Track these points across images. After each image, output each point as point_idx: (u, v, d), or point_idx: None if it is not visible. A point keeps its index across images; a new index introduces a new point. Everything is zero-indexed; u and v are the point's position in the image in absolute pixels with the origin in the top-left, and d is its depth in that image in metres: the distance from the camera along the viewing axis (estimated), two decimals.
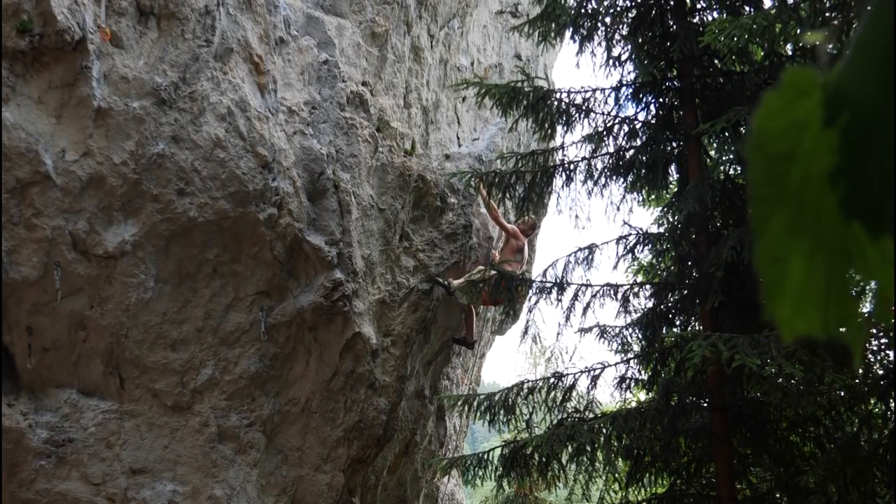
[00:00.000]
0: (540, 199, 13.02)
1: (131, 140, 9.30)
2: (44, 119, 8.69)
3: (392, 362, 12.95)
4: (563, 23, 12.57)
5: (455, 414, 16.55)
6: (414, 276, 13.11)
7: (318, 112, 11.49)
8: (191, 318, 10.58)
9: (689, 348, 10.00)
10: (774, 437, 11.90)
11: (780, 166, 0.99)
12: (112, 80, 9.02)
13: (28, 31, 8.26)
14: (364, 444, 12.71)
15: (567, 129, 12.86)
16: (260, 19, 10.57)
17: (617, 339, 13.05)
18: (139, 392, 10.48)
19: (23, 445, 9.62)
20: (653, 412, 11.61)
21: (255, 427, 11.44)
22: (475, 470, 12.62)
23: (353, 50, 12.44)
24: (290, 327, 11.44)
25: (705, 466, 12.38)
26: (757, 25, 9.95)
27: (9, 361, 9.57)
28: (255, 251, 10.76)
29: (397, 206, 12.61)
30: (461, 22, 15.56)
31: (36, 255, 9.04)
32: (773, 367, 9.57)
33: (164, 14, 9.39)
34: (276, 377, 11.56)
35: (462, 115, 16.23)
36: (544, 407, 12.58)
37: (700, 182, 11.39)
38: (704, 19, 12.62)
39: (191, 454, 10.90)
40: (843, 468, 9.94)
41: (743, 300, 11.57)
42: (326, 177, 11.27)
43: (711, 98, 12.46)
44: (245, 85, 10.27)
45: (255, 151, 10.26)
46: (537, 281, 13.01)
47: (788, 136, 0.99)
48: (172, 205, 9.80)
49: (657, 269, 14.52)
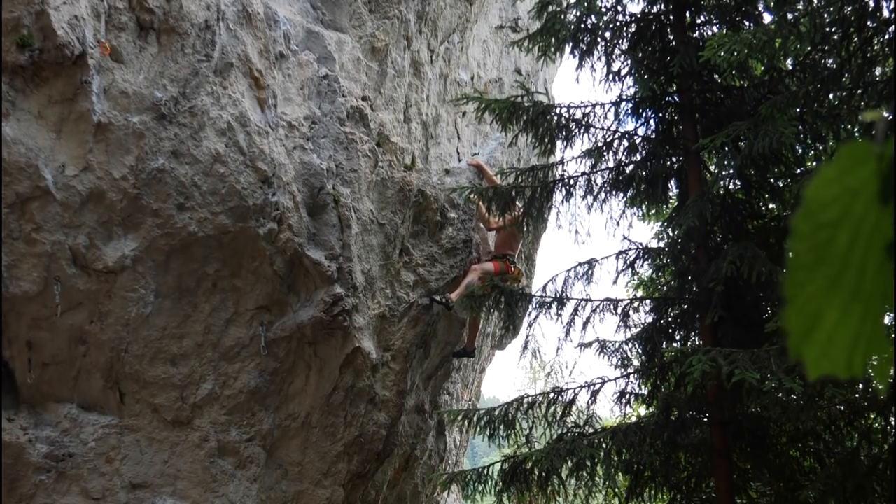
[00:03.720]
0: (540, 214, 13.01)
1: (131, 155, 9.30)
2: (44, 134, 8.69)
3: (392, 377, 12.94)
4: (562, 38, 12.59)
5: (455, 429, 16.52)
6: (414, 291, 13.11)
7: (318, 127, 11.50)
8: (191, 333, 10.57)
9: (689, 363, 10.00)
10: (774, 451, 11.89)
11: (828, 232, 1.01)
12: (112, 94, 9.03)
13: (28, 46, 8.27)
14: (364, 459, 12.69)
15: (567, 143, 12.87)
16: (260, 34, 10.59)
17: (617, 353, 13.03)
18: (139, 407, 10.46)
19: (23, 460, 9.60)
20: (653, 427, 11.61)
21: (255, 442, 11.43)
22: (475, 485, 12.61)
23: (353, 65, 12.46)
24: (290, 342, 11.43)
25: (705, 481, 12.36)
26: (757, 40, 9.96)
27: (9, 376, 9.56)
28: (255, 266, 10.76)
29: (397, 220, 12.61)
30: (461, 37, 15.59)
31: (36, 269, 9.04)
32: (772, 382, 9.57)
33: (164, 29, 9.41)
34: (276, 392, 11.55)
35: (462, 130, 16.25)
36: (544, 422, 12.58)
37: (700, 197, 11.39)
38: (704, 34, 12.64)
39: (191, 469, 10.89)
40: (843, 483, 9.93)
41: (743, 315, 11.59)
42: (326, 192, 11.27)
43: (711, 113, 12.48)
44: (245, 100, 10.28)
45: (255, 166, 10.27)
46: (537, 296, 13.01)
47: (840, 204, 1.00)
48: (172, 220, 9.81)
49: (657, 284, 14.53)
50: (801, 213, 1.01)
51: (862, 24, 10.15)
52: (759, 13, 12.41)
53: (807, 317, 1.02)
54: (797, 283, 1.01)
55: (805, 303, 1.01)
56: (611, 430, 12.01)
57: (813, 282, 1.01)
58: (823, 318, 1.02)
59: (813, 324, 1.02)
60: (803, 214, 1.00)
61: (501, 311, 13.12)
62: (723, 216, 12.03)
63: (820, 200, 1.00)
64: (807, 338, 1.03)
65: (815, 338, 1.03)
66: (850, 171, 0.99)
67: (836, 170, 1.00)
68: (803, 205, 1.00)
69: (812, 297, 1.01)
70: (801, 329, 1.02)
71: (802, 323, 1.02)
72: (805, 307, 1.02)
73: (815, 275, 1.01)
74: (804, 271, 1.01)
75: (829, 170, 1.00)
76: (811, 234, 1.01)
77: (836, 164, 1.00)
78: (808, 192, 1.00)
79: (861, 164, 0.99)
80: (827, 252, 1.00)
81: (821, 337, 1.02)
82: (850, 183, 0.99)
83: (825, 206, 1.00)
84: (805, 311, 1.02)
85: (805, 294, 1.01)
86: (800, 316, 1.02)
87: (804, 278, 1.01)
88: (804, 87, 10.65)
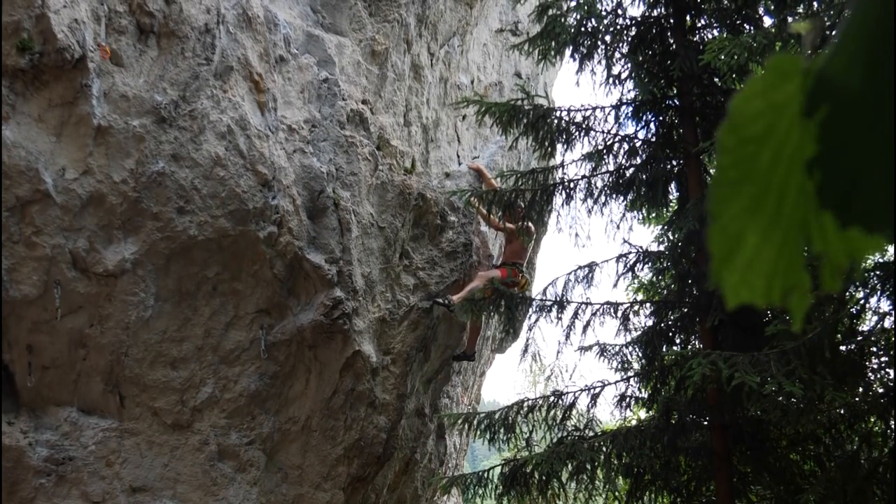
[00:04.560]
0: (540, 217, 13.01)
1: (131, 158, 9.30)
2: (44, 137, 8.70)
3: (392, 380, 12.93)
4: (563, 41, 12.59)
5: (455, 432, 16.50)
6: (414, 295, 13.11)
7: (318, 130, 11.50)
8: (191, 337, 10.57)
9: (689, 366, 9.99)
10: (774, 455, 11.88)
11: (751, 148, 1.00)
12: (112, 98, 9.04)
13: (28, 50, 8.27)
14: (364, 463, 12.69)
15: (567, 147, 12.86)
16: (260, 37, 10.59)
17: (617, 357, 13.04)
18: (139, 410, 10.46)
19: (23, 464, 9.60)
20: (653, 430, 11.61)
21: (255, 445, 11.43)
22: (475, 488, 12.61)
23: (354, 68, 12.46)
24: (290, 345, 11.43)
25: (705, 485, 12.36)
26: (757, 44, 9.97)
27: (9, 380, 9.56)
28: (255, 269, 10.76)
29: (397, 224, 12.61)
30: (461, 40, 15.59)
31: (36, 273, 9.04)
32: (772, 385, 9.56)
33: (164, 32, 9.41)
34: (276, 395, 11.55)
35: (462, 134, 16.24)
36: (544, 425, 12.58)
37: (700, 200, 11.40)
38: (704, 38, 12.65)
39: (191, 472, 10.89)
40: (843, 486, 9.93)
41: (743, 319, 11.57)
42: (326, 195, 11.27)
43: (711, 116, 12.48)
44: (245, 103, 10.28)
45: (255, 170, 10.27)
46: (537, 299, 13.02)
47: (764, 119, 0.99)
48: (172, 223, 9.81)
49: (657, 288, 14.52)
50: (725, 127, 0.99)
51: None
52: (760, 17, 12.42)
53: (729, 238, 1.01)
54: (722, 200, 1.00)
55: (728, 223, 1.00)
56: (611, 433, 12.02)
57: (736, 199, 1.00)
58: (745, 240, 1.00)
59: (734, 246, 1.01)
60: (728, 128, 0.99)
61: (502, 315, 13.12)
62: None
63: (745, 114, 0.99)
64: (727, 262, 1.01)
65: (735, 262, 1.01)
66: (775, 85, 0.98)
67: (762, 84, 0.99)
68: (728, 118, 0.99)
69: (735, 217, 1.00)
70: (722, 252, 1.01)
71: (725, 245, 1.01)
72: (728, 227, 1.00)
73: (739, 192, 0.99)
74: (728, 187, 1.00)
75: (756, 83, 0.99)
76: (735, 149, 0.99)
77: (762, 77, 0.99)
78: (734, 105, 0.99)
79: (787, 79, 0.98)
80: (750, 169, 0.99)
81: (741, 262, 1.01)
82: (775, 98, 0.98)
83: (750, 121, 0.98)
84: (727, 233, 1.01)
85: (728, 213, 1.00)
86: (722, 237, 1.01)
87: (728, 195, 1.00)
88: None
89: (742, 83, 12.53)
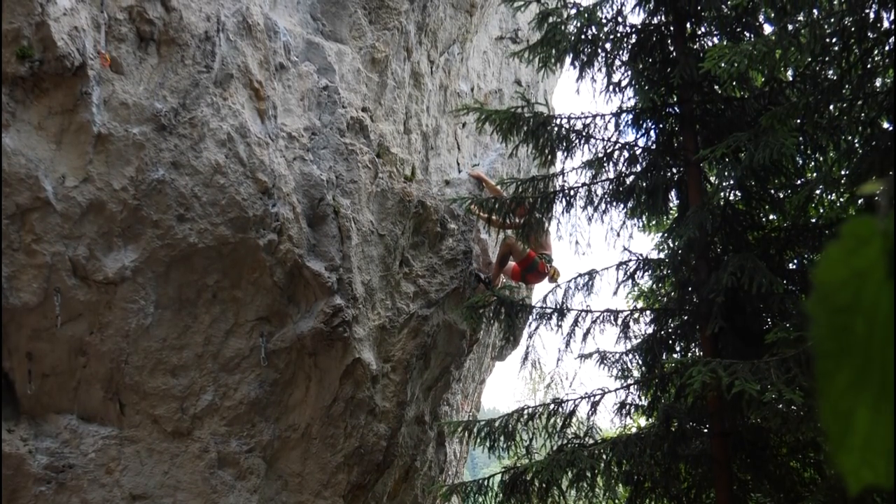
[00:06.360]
0: (540, 224, 12.99)
1: (131, 166, 9.31)
2: (44, 145, 8.71)
3: (392, 388, 12.92)
4: (563, 49, 12.57)
5: (455, 440, 16.49)
6: (414, 302, 13.09)
7: (318, 138, 11.50)
8: (191, 344, 10.57)
9: (690, 374, 9.98)
10: (774, 462, 11.88)
11: (844, 318, 0.98)
12: (112, 105, 9.05)
13: (28, 57, 8.29)
14: (364, 470, 12.67)
15: (567, 154, 12.84)
16: (260, 45, 10.60)
17: (617, 364, 13.02)
18: (139, 418, 10.46)
19: (23, 471, 9.60)
20: (653, 438, 11.59)
21: (255, 453, 11.42)
22: (475, 496, 12.59)
23: (354, 76, 12.46)
24: (291, 353, 11.42)
25: (705, 492, 12.34)
26: (757, 51, 9.96)
27: (9, 387, 9.57)
28: (255, 277, 10.76)
29: (397, 231, 12.61)
30: (461, 48, 15.60)
31: (36, 280, 9.05)
32: (772, 393, 9.56)
33: (164, 40, 9.42)
34: (277, 403, 11.54)
35: (462, 141, 16.25)
36: (544, 433, 12.56)
37: (700, 208, 11.38)
38: (705, 45, 12.62)
39: (191, 480, 10.88)
40: (844, 494, 9.91)
41: (743, 326, 11.57)
42: (326, 202, 11.27)
43: (712, 124, 12.47)
44: (245, 111, 10.29)
45: (255, 177, 10.27)
46: (537, 306, 13.02)
47: (850, 288, 0.97)
48: (172, 231, 9.81)
49: (657, 295, 14.51)
50: (814, 298, 0.97)
51: (862, 35, 10.15)
52: (760, 24, 12.42)
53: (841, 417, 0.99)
54: (825, 372, 0.98)
55: (838, 400, 0.98)
56: (611, 441, 12.00)
57: (840, 372, 0.98)
58: (857, 417, 0.98)
59: (847, 424, 0.99)
60: (817, 299, 0.97)
61: (501, 322, 13.12)
62: (723, 227, 12.01)
63: (831, 284, 0.97)
64: (843, 443, 0.99)
65: (851, 443, 0.99)
66: (855, 251, 0.97)
67: (841, 250, 0.97)
68: (816, 288, 0.98)
69: (843, 392, 0.98)
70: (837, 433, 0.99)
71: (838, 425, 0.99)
72: (838, 405, 0.99)
73: (841, 365, 0.98)
74: (830, 360, 0.98)
75: (835, 251, 0.97)
76: (827, 321, 0.98)
77: (841, 244, 0.97)
78: (818, 275, 0.97)
79: (866, 244, 0.97)
80: (848, 340, 0.97)
81: (857, 442, 0.98)
82: (857, 264, 0.96)
83: (836, 290, 0.97)
84: (839, 410, 0.99)
85: (836, 388, 0.99)
86: (835, 416, 0.99)
87: (831, 367, 0.98)
88: (804, 98, 10.65)
89: (741, 88, 12.56)
